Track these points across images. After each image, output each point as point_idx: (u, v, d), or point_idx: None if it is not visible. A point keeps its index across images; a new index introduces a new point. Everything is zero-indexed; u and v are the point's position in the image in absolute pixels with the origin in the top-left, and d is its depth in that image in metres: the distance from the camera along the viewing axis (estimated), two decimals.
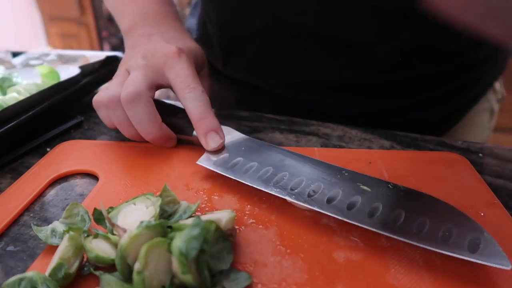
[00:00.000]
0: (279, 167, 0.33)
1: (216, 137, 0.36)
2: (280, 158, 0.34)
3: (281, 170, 0.33)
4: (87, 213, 0.29)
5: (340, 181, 0.31)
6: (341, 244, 0.27)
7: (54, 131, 0.45)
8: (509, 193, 0.34)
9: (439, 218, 0.27)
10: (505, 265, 0.23)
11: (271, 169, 0.33)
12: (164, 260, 0.23)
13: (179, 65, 0.39)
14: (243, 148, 0.36)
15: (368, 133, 0.45)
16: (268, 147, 0.36)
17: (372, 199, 0.29)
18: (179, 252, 0.22)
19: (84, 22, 2.70)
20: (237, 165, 0.34)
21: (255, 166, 0.34)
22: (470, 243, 0.25)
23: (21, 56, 0.59)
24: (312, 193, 0.30)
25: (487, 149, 0.41)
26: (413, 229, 0.26)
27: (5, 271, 0.27)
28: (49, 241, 0.28)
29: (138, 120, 0.37)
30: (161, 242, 0.23)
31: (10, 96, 0.45)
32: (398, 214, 0.27)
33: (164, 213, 0.28)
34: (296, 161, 0.34)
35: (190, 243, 0.22)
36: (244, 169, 0.33)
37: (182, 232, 0.23)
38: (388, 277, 0.25)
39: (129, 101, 0.37)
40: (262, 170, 0.33)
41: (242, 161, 0.35)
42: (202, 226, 0.23)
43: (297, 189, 0.30)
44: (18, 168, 0.40)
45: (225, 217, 0.26)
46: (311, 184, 0.31)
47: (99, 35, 2.75)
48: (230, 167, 0.34)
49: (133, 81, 0.38)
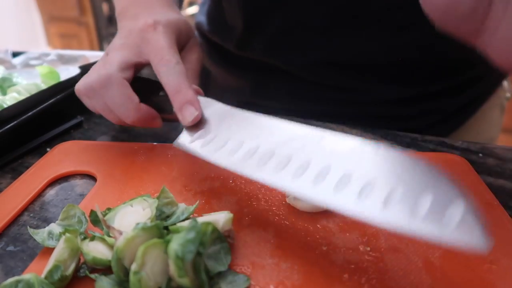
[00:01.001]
0: (266, 142, 0.28)
1: (191, 109, 0.33)
2: (269, 131, 0.29)
3: (268, 147, 0.27)
4: (84, 215, 0.29)
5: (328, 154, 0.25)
6: (339, 246, 0.27)
7: (54, 131, 0.45)
8: (509, 193, 0.34)
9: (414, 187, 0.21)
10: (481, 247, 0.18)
11: (255, 144, 0.28)
12: (161, 261, 0.23)
13: (154, 37, 0.37)
14: (226, 121, 0.32)
15: (368, 133, 0.45)
16: (257, 117, 0.31)
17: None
18: (175, 255, 0.22)
19: (84, 22, 2.70)
20: (212, 141, 0.30)
21: (235, 143, 0.29)
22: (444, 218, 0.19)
23: (21, 56, 0.59)
24: (299, 171, 0.24)
25: (487, 149, 0.41)
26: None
27: (5, 271, 0.27)
28: (45, 243, 0.28)
29: (113, 104, 0.36)
30: (158, 243, 0.23)
31: (10, 96, 0.45)
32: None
33: (162, 214, 0.28)
34: (287, 133, 0.28)
35: (186, 247, 0.22)
36: (223, 148, 0.29)
37: (178, 235, 0.23)
38: (386, 279, 0.25)
39: (101, 86, 0.36)
40: (243, 147, 0.28)
41: (221, 137, 0.30)
42: (198, 229, 0.23)
43: (284, 169, 0.25)
44: (18, 168, 0.40)
45: (222, 219, 0.26)
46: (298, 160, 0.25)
47: (99, 35, 2.75)
48: (205, 145, 0.31)
49: (106, 63, 0.37)
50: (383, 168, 0.23)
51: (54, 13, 2.75)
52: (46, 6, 2.75)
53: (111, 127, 0.47)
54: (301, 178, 0.24)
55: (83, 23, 2.71)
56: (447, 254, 0.27)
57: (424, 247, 0.27)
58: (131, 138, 0.42)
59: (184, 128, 0.34)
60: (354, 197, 0.22)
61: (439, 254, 0.27)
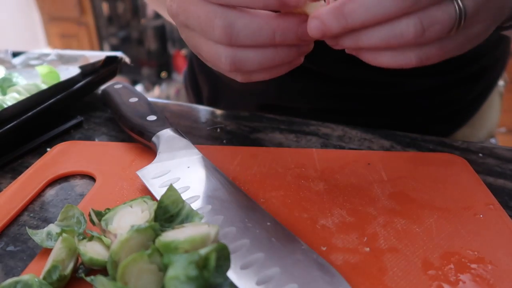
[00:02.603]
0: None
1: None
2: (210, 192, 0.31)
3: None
4: (83, 215, 0.29)
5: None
6: (339, 246, 0.27)
7: (54, 131, 0.45)
8: (509, 193, 0.34)
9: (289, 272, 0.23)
10: None
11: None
12: (146, 273, 0.21)
13: None
14: (186, 168, 0.34)
15: (368, 133, 0.45)
16: (207, 174, 0.33)
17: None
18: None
19: (84, 22, 2.70)
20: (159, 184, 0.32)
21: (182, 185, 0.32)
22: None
23: (21, 56, 0.59)
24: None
25: (487, 149, 0.41)
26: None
27: (5, 271, 0.27)
28: (44, 244, 0.27)
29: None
30: (138, 257, 0.22)
31: (10, 96, 0.45)
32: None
33: (167, 213, 0.28)
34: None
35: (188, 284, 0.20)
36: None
37: (178, 273, 0.21)
38: (386, 279, 0.25)
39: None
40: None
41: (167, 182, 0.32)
42: (199, 266, 0.21)
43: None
44: (18, 168, 0.40)
45: (212, 231, 0.24)
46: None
47: (99, 35, 2.75)
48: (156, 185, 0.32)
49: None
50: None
51: (54, 13, 2.75)
52: (46, 6, 2.75)
53: (111, 127, 0.47)
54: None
55: (83, 23, 2.71)
56: (447, 254, 0.27)
57: (424, 247, 0.27)
58: (131, 138, 0.42)
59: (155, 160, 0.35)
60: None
61: (438, 255, 0.27)
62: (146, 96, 0.46)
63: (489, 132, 0.63)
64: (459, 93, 0.56)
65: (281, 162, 0.37)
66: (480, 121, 0.61)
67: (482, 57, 0.54)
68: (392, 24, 0.24)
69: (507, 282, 0.25)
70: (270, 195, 0.33)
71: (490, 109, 0.63)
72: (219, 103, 0.64)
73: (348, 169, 0.36)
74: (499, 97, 0.65)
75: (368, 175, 0.35)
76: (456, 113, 0.58)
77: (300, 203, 0.32)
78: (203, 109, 0.52)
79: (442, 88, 0.54)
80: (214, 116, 0.50)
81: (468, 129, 0.60)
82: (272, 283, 0.23)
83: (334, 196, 0.33)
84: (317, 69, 0.53)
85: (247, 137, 0.44)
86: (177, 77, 2.83)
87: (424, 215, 0.30)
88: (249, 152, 0.39)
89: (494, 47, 0.56)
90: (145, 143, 0.39)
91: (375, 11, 0.24)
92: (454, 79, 0.54)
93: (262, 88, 0.57)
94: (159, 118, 0.40)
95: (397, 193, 0.33)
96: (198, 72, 0.68)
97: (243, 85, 0.60)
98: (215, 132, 0.45)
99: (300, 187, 0.34)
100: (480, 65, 0.55)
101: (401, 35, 0.24)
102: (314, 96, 0.55)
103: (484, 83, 0.57)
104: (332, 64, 0.52)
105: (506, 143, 0.43)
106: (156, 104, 0.49)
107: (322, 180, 0.35)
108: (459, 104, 0.57)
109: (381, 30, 0.25)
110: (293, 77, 0.55)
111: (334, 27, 0.25)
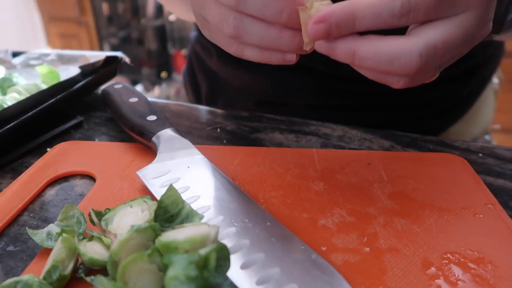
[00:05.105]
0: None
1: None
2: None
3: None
4: (83, 215, 0.29)
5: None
6: (339, 246, 0.27)
7: (54, 131, 0.45)
8: (509, 193, 0.34)
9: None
10: None
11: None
12: (146, 273, 0.22)
13: None
14: (186, 168, 0.34)
15: (368, 133, 0.45)
16: (210, 176, 0.33)
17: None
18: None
19: (84, 22, 2.70)
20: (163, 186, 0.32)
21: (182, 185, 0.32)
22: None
23: (21, 56, 0.59)
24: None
25: (487, 149, 0.41)
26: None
27: (5, 271, 0.27)
28: (44, 244, 0.27)
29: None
30: (138, 257, 0.22)
31: (10, 96, 0.45)
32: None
33: (167, 213, 0.28)
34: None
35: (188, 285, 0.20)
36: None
37: (178, 273, 0.21)
38: (386, 279, 0.25)
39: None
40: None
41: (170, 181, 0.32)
42: (199, 266, 0.21)
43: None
44: (18, 168, 0.40)
45: (212, 232, 0.24)
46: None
47: (99, 35, 2.75)
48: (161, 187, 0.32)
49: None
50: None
51: (54, 13, 2.75)
52: (46, 6, 2.74)
53: (111, 127, 0.47)
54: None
55: (83, 23, 2.71)
56: (447, 254, 0.27)
57: (424, 247, 0.27)
58: (131, 138, 0.42)
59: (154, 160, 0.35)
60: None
61: (438, 254, 0.27)
62: (146, 96, 0.46)
63: (484, 129, 0.64)
64: (453, 89, 0.56)
65: (281, 162, 0.37)
66: (475, 118, 0.62)
67: (475, 54, 0.55)
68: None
69: (507, 282, 0.25)
70: (270, 195, 0.33)
71: (485, 106, 0.64)
72: (217, 100, 0.64)
73: (348, 169, 0.36)
74: (493, 94, 0.66)
75: (368, 175, 0.35)
76: (450, 109, 0.59)
77: (300, 203, 0.32)
78: (203, 109, 0.52)
79: (436, 84, 0.55)
80: (214, 116, 0.50)
81: (463, 124, 0.61)
82: (272, 283, 0.23)
83: (334, 196, 0.33)
84: (314, 66, 0.53)
85: (247, 137, 0.44)
86: (177, 77, 2.83)
87: (424, 215, 0.30)
88: (249, 152, 0.39)
89: (487, 45, 0.56)
90: (145, 143, 0.39)
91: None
92: (447, 75, 0.54)
93: (260, 84, 0.58)
94: (159, 118, 0.40)
95: (397, 193, 0.33)
96: (196, 69, 0.68)
97: (241, 82, 0.60)
98: (215, 132, 0.45)
99: (300, 187, 0.34)
100: (473, 62, 0.55)
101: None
102: (311, 92, 0.56)
103: (477, 80, 0.58)
104: (328, 61, 0.52)
105: (501, 141, 0.43)
106: (156, 104, 0.50)
107: (322, 180, 0.35)
108: (452, 100, 0.58)
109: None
110: (291, 73, 0.55)
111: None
